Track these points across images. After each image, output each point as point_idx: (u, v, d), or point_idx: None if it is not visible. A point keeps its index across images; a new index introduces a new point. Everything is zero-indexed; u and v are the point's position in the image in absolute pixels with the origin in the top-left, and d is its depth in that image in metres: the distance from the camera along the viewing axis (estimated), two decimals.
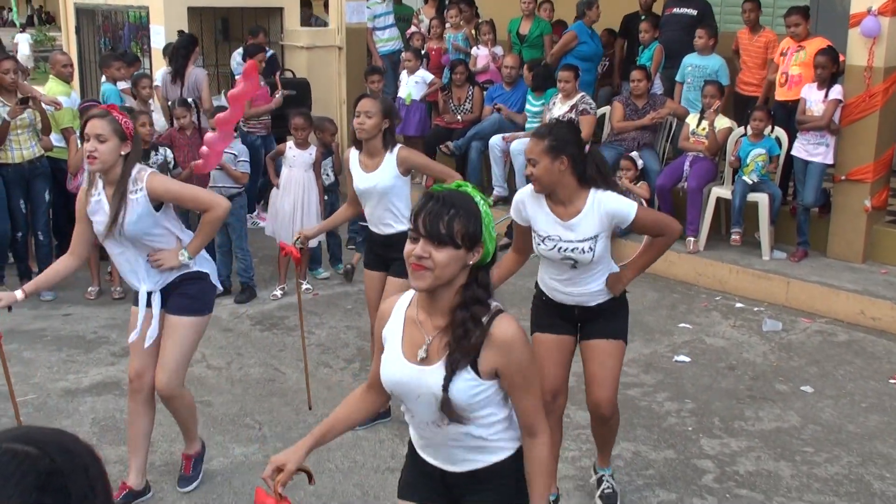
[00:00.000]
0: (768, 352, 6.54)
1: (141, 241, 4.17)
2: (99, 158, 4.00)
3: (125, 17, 12.06)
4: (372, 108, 4.91)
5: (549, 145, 3.85)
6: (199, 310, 4.37)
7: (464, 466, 2.70)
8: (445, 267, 2.49)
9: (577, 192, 3.93)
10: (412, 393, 2.63)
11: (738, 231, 8.00)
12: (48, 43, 26.93)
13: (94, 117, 4.04)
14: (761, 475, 4.84)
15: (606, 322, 4.15)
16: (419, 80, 10.29)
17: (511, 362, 2.55)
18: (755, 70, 8.94)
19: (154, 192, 4.11)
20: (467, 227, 2.50)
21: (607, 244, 4.01)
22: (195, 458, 4.71)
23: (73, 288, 7.53)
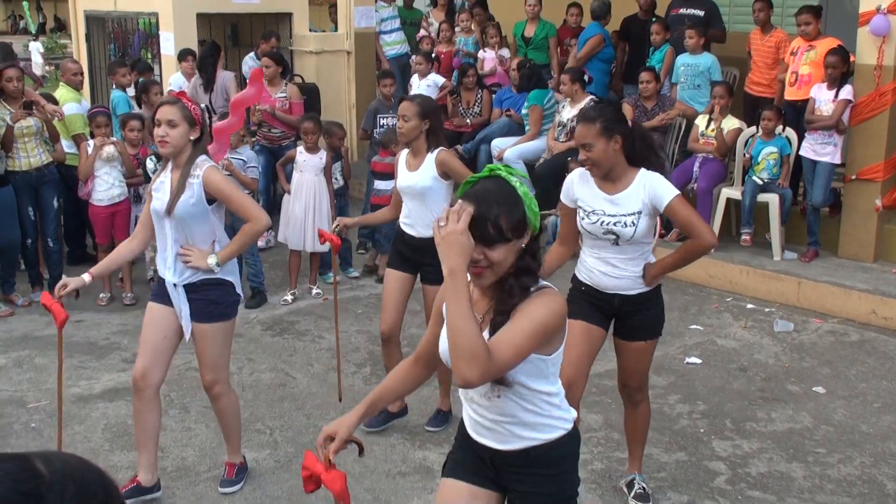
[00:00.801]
0: (780, 353, 6.52)
1: (186, 228, 4.27)
2: (170, 143, 4.17)
3: (135, 24, 12.10)
4: (408, 112, 4.96)
5: (603, 126, 3.92)
6: (223, 314, 4.42)
7: (515, 444, 2.71)
8: (503, 262, 2.56)
9: (627, 171, 4.01)
10: None
11: (749, 232, 7.98)
12: (59, 50, 27.04)
13: (165, 104, 4.22)
14: (773, 476, 4.83)
15: (642, 321, 4.22)
16: (431, 84, 10.29)
17: (526, 307, 2.53)
18: (765, 70, 8.91)
19: (208, 184, 4.22)
20: (512, 219, 2.54)
21: (650, 227, 4.05)
22: (238, 468, 4.74)
23: (85, 295, 7.54)
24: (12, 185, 7.30)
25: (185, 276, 4.32)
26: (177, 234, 4.29)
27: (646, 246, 4.11)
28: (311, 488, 2.75)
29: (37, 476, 1.16)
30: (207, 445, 5.17)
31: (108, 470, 4.80)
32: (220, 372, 4.51)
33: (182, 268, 4.32)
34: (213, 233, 4.37)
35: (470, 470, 2.85)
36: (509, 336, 2.48)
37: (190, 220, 4.26)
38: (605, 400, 5.62)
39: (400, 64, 11.60)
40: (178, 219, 4.25)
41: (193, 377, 5.98)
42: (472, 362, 2.38)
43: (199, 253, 4.29)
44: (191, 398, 5.74)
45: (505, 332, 2.50)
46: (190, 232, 4.29)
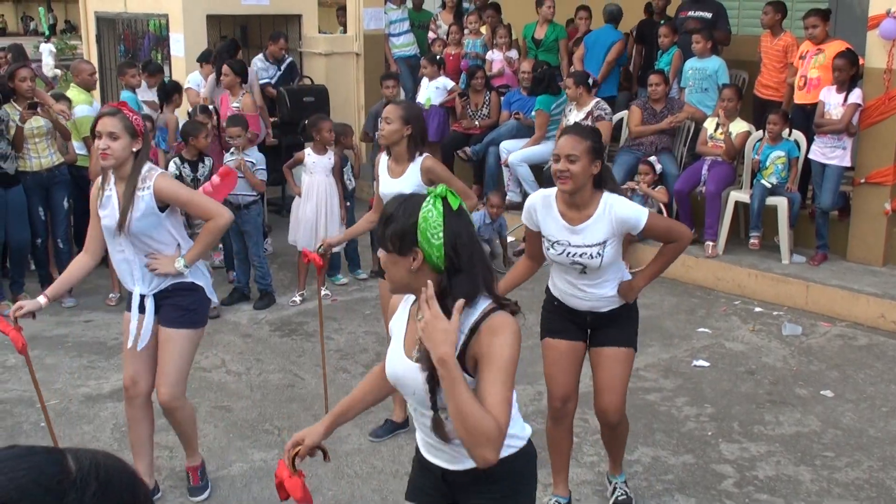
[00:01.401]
0: (788, 356, 6.51)
1: (142, 240, 4.18)
2: (111, 155, 4.06)
3: (145, 25, 12.14)
4: (392, 115, 4.90)
5: (592, 146, 3.89)
6: (193, 322, 4.36)
7: (463, 464, 2.66)
8: (389, 270, 2.57)
9: (592, 197, 3.93)
10: (408, 388, 2.64)
11: (757, 235, 7.98)
12: (69, 52, 27.16)
13: (105, 115, 4.11)
14: (781, 480, 4.83)
15: (617, 329, 4.14)
16: (440, 87, 10.32)
17: (488, 348, 2.45)
18: (773, 73, 8.91)
19: (160, 193, 4.14)
20: (395, 230, 2.50)
21: (618, 250, 4.00)
22: (200, 469, 4.73)
23: (94, 294, 7.59)
24: (23, 185, 7.33)
25: (153, 284, 4.26)
26: (136, 248, 4.20)
27: (616, 267, 4.05)
28: (283, 496, 2.78)
29: (63, 472, 1.16)
30: (216, 445, 5.18)
31: None
32: (179, 385, 4.39)
33: (150, 277, 4.25)
34: (174, 237, 4.28)
35: (426, 491, 2.84)
36: (497, 396, 2.40)
37: (145, 234, 4.17)
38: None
39: (410, 65, 11.62)
40: (133, 234, 4.16)
41: (202, 377, 6.01)
42: (488, 444, 2.35)
43: (165, 259, 4.23)
44: (200, 398, 5.76)
45: (490, 391, 2.41)
46: (149, 242, 4.20)
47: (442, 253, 2.47)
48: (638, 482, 4.76)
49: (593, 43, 10.33)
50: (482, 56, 10.87)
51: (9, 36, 35.11)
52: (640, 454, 5.07)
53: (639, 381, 5.97)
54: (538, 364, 5.93)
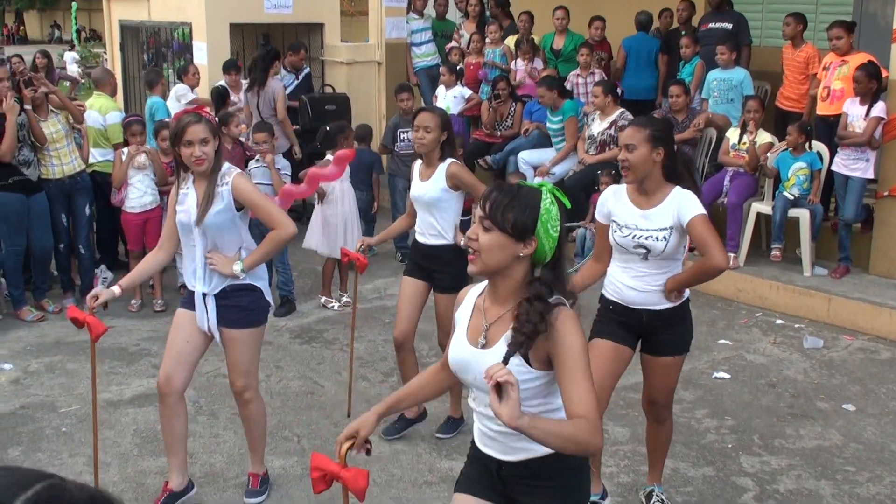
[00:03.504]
0: (809, 369, 6.48)
1: (214, 236, 4.29)
2: (206, 159, 4.20)
3: (168, 34, 12.22)
4: (431, 123, 4.96)
5: (651, 134, 3.95)
6: (254, 321, 4.45)
7: (518, 455, 2.72)
8: (489, 251, 2.59)
9: (662, 186, 4.02)
10: (470, 375, 2.71)
11: (779, 247, 7.94)
12: (93, 59, 27.38)
13: (192, 123, 4.17)
14: (802, 494, 4.80)
15: (670, 337, 4.18)
16: (457, 96, 10.35)
17: (561, 343, 2.55)
18: (795, 85, 8.89)
19: (237, 191, 4.26)
20: (518, 217, 2.57)
21: (680, 242, 4.03)
22: (262, 478, 4.77)
23: (116, 301, 7.61)
24: (45, 192, 7.39)
25: (213, 284, 4.35)
26: (205, 244, 4.32)
27: (674, 262, 4.11)
28: (321, 488, 2.77)
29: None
30: (236, 452, 5.20)
31: (137, 475, 4.85)
32: (251, 378, 4.54)
33: (211, 277, 4.34)
34: (241, 239, 4.39)
35: (479, 483, 2.87)
36: (581, 386, 2.52)
37: (219, 229, 4.29)
38: (631, 413, 5.60)
39: (431, 75, 11.65)
40: (206, 229, 4.27)
41: (223, 384, 6.02)
42: (591, 441, 2.48)
43: (224, 259, 4.32)
44: (220, 405, 5.79)
45: (575, 386, 2.52)
46: (218, 240, 4.32)
47: (555, 245, 2.62)
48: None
49: (636, 50, 10.52)
50: (501, 66, 10.88)
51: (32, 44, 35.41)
52: None
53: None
54: None
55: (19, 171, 7.13)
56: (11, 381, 6.22)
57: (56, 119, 7.41)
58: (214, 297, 4.37)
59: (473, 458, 2.91)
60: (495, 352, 2.63)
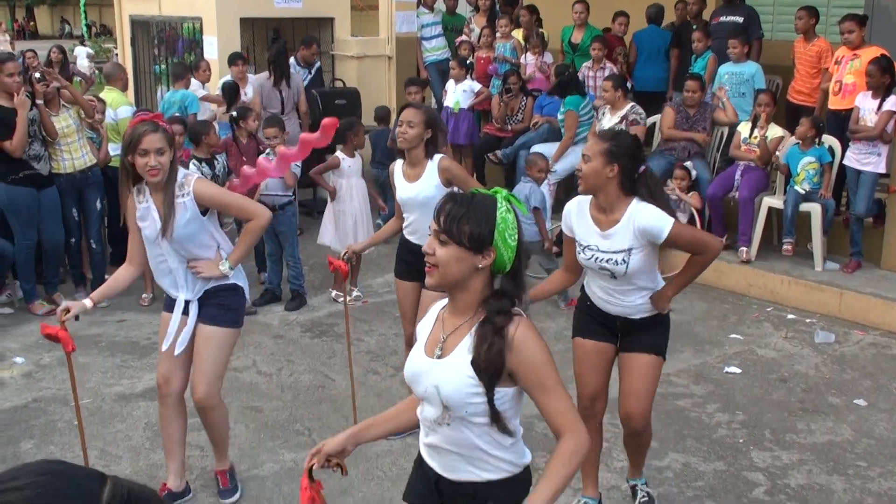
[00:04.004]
0: (821, 364, 6.46)
1: (186, 246, 4.22)
2: (162, 170, 4.07)
3: (179, 28, 12.24)
4: (414, 118, 4.92)
5: (608, 149, 3.86)
6: (233, 321, 4.40)
7: (457, 475, 2.68)
8: (447, 265, 2.55)
9: (619, 202, 3.90)
10: (421, 386, 2.67)
11: (790, 241, 7.91)
12: (104, 54, 27.43)
13: (148, 133, 4.03)
14: (813, 489, 4.79)
15: (647, 336, 4.11)
16: (466, 90, 10.34)
17: (523, 361, 2.51)
18: (807, 79, 8.86)
19: (201, 197, 4.17)
20: (474, 229, 2.52)
21: (647, 259, 3.94)
22: (229, 472, 4.76)
23: (127, 295, 7.64)
24: (56, 186, 7.41)
25: (198, 288, 4.30)
26: (178, 255, 4.24)
27: (646, 278, 4.00)
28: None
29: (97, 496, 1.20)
30: (247, 445, 5.21)
31: (149, 468, 4.87)
32: (215, 384, 4.42)
33: (194, 283, 4.29)
34: (214, 241, 4.32)
35: (421, 494, 2.85)
36: (559, 403, 2.54)
37: (189, 239, 4.20)
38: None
39: (441, 69, 11.64)
40: (176, 241, 4.18)
41: (233, 378, 6.05)
42: (582, 454, 2.55)
43: (209, 263, 4.26)
44: (230, 399, 5.79)
45: (552, 404, 2.53)
46: (192, 247, 4.24)
47: (514, 254, 2.57)
48: (668, 488, 4.74)
49: (647, 43, 10.57)
50: (511, 60, 10.86)
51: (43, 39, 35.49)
52: (671, 460, 5.04)
53: (669, 387, 5.95)
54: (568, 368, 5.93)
55: (30, 166, 7.15)
56: (24, 374, 6.24)
57: (67, 114, 7.43)
58: (198, 300, 4.32)
59: (418, 465, 2.88)
60: (451, 361, 2.59)
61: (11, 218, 7.24)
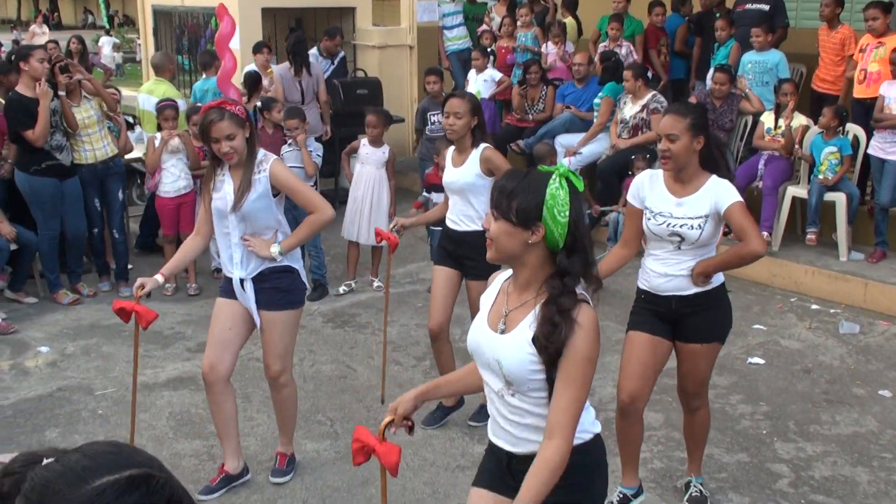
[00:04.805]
0: (845, 355, 6.41)
1: (252, 222, 4.33)
2: (236, 153, 4.23)
3: (201, 18, 12.26)
4: (461, 108, 4.94)
5: (692, 123, 3.91)
6: (292, 302, 4.50)
7: (525, 447, 2.69)
8: (499, 239, 2.59)
9: (698, 174, 3.98)
10: (483, 357, 2.71)
11: (814, 231, 7.85)
12: (127, 45, 27.55)
13: (216, 121, 4.19)
14: (837, 481, 4.76)
15: (704, 323, 4.13)
16: (488, 79, 10.31)
17: (571, 349, 2.51)
18: (831, 67, 8.77)
19: (275, 178, 4.30)
20: (522, 204, 2.53)
21: (716, 231, 4.00)
22: (290, 458, 4.82)
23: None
24: (79, 177, 7.44)
25: (250, 268, 4.39)
26: (241, 229, 4.35)
27: (707, 249, 4.06)
28: (360, 460, 2.83)
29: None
30: (269, 435, 5.23)
31: (172, 457, 4.89)
32: (287, 361, 4.59)
33: (248, 260, 4.38)
34: (277, 223, 4.43)
35: (493, 477, 2.85)
36: (564, 399, 2.54)
37: (255, 215, 4.31)
38: (665, 398, 5.57)
39: (462, 59, 11.62)
40: (243, 215, 4.30)
41: (256, 367, 6.06)
42: (561, 468, 2.53)
43: (261, 241, 4.36)
44: (253, 388, 5.82)
45: (561, 394, 2.54)
46: (254, 225, 4.35)
47: (565, 231, 2.55)
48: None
49: (670, 30, 10.56)
50: (532, 49, 10.82)
51: (66, 29, 35.67)
52: None
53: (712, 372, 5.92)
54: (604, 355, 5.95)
55: (52, 157, 7.18)
56: (48, 363, 6.29)
57: (89, 105, 7.45)
58: (252, 280, 4.40)
59: (488, 451, 2.90)
60: (513, 337, 2.61)
61: (34, 208, 7.29)
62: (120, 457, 1.26)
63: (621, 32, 9.95)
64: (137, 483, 1.23)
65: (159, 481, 1.25)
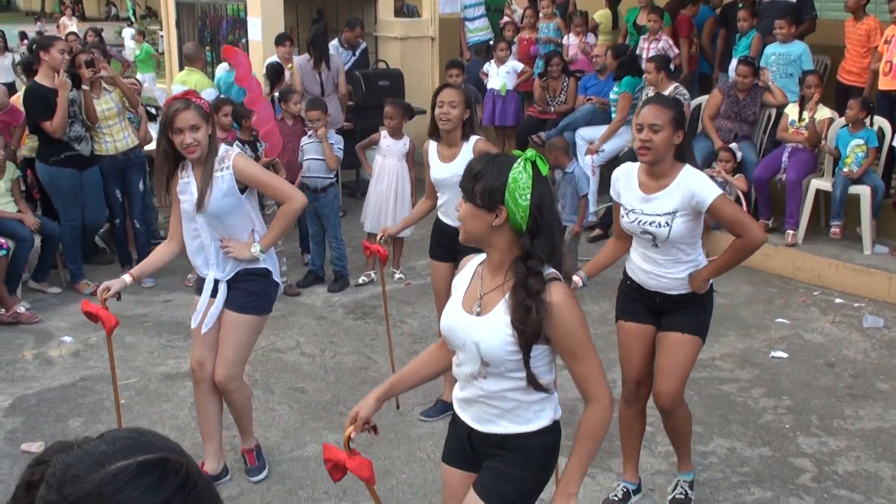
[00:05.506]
0: (869, 349, 6.36)
1: (221, 222, 4.22)
2: (199, 146, 4.09)
3: (223, 10, 12.29)
4: (456, 98, 4.88)
5: (675, 117, 3.88)
6: (259, 308, 4.39)
7: (489, 427, 2.78)
8: (466, 221, 2.68)
9: (672, 168, 3.91)
10: (459, 340, 2.75)
11: (839, 224, 7.79)
12: (150, 37, 27.60)
13: (180, 110, 4.05)
14: (861, 476, 4.72)
15: (685, 316, 4.07)
16: (510, 70, 10.29)
17: (557, 327, 2.59)
18: (856, 59, 8.69)
19: (240, 172, 4.17)
20: (484, 186, 2.60)
21: (690, 228, 3.91)
22: (255, 451, 4.78)
23: (173, 275, 7.72)
24: (99, 168, 7.48)
25: (228, 269, 4.30)
26: (213, 232, 4.24)
27: (688, 249, 3.97)
28: (339, 477, 2.85)
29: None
30: (291, 426, 5.25)
31: (194, 447, 4.90)
32: (236, 368, 4.42)
33: (225, 263, 4.28)
34: (251, 221, 4.32)
35: (456, 453, 2.96)
36: (590, 369, 2.67)
37: (224, 214, 4.20)
38: (687, 391, 5.53)
39: (482, 50, 11.59)
40: (210, 215, 4.19)
41: (277, 358, 6.09)
42: (606, 423, 2.72)
43: (240, 244, 4.26)
44: (275, 379, 5.84)
45: (583, 368, 2.66)
46: (226, 226, 4.24)
47: (527, 214, 2.60)
48: (713, 473, 4.70)
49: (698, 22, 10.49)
50: (555, 40, 10.78)
51: (89, 21, 35.81)
52: (716, 445, 5.00)
53: (714, 371, 5.90)
54: (612, 351, 5.89)
55: (71, 147, 7.22)
56: (72, 353, 6.33)
57: (109, 97, 7.48)
58: (227, 281, 4.32)
59: (452, 425, 2.98)
60: (491, 319, 2.66)
61: (55, 199, 7.35)
62: (138, 442, 1.29)
63: (660, 25, 9.85)
64: (151, 467, 1.24)
65: (174, 465, 1.26)
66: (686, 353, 4.08)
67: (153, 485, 1.23)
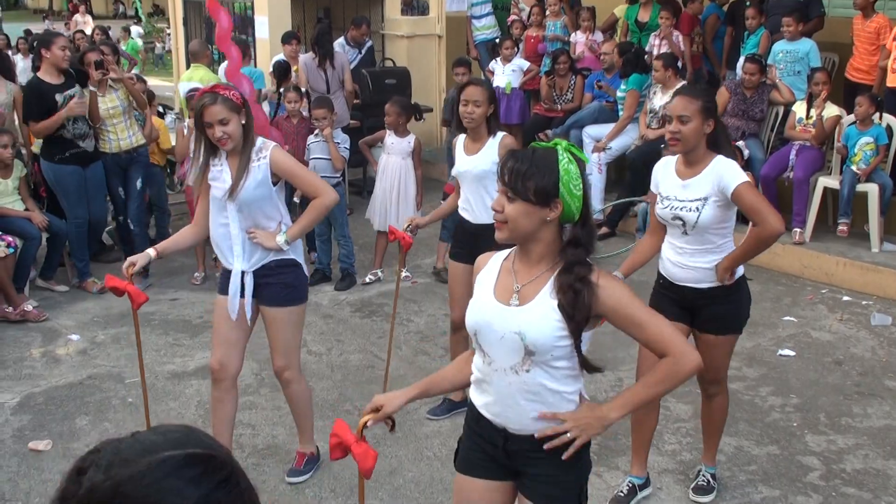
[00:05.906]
0: (877, 347, 6.35)
1: (251, 212, 4.22)
2: (231, 138, 4.11)
3: (231, 8, 12.29)
4: (480, 97, 4.92)
5: (704, 106, 3.91)
6: (299, 298, 4.42)
7: (527, 428, 2.70)
8: (516, 220, 2.61)
9: (705, 156, 3.98)
10: (496, 334, 2.67)
11: (846, 222, 7.77)
12: (156, 34, 27.69)
13: (209, 105, 4.06)
14: (869, 474, 4.71)
15: (717, 314, 4.10)
16: (516, 68, 10.28)
17: (612, 304, 2.60)
18: (865, 56, 8.66)
19: (276, 164, 4.20)
20: (539, 183, 2.57)
21: (719, 215, 3.95)
22: (308, 458, 4.77)
23: (180, 274, 7.74)
24: (103, 164, 7.50)
25: (254, 259, 4.29)
26: (241, 221, 4.24)
27: (717, 238, 4.01)
28: (337, 455, 2.80)
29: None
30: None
31: None
32: (292, 357, 4.50)
33: (251, 252, 4.28)
34: (279, 214, 4.32)
35: (482, 463, 2.86)
36: (659, 330, 2.65)
37: (254, 204, 4.20)
38: (694, 390, 5.51)
39: (490, 48, 11.58)
40: (241, 204, 4.19)
41: None
42: (681, 369, 2.65)
43: (266, 233, 4.26)
44: None
45: (653, 332, 2.64)
46: (254, 216, 4.24)
47: (581, 204, 2.62)
48: (721, 472, 4.69)
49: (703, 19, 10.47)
50: (562, 38, 10.76)
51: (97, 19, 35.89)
52: (724, 443, 4.97)
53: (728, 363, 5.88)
54: (618, 349, 5.88)
55: (76, 145, 7.23)
56: (79, 351, 6.34)
57: (115, 95, 7.48)
58: (255, 274, 4.30)
59: (474, 433, 2.87)
60: (535, 306, 2.62)
61: (61, 197, 7.37)
62: (188, 438, 1.34)
63: (673, 21, 9.81)
64: (198, 460, 1.29)
65: (220, 462, 1.31)
66: (723, 352, 4.22)
67: (197, 477, 1.27)
